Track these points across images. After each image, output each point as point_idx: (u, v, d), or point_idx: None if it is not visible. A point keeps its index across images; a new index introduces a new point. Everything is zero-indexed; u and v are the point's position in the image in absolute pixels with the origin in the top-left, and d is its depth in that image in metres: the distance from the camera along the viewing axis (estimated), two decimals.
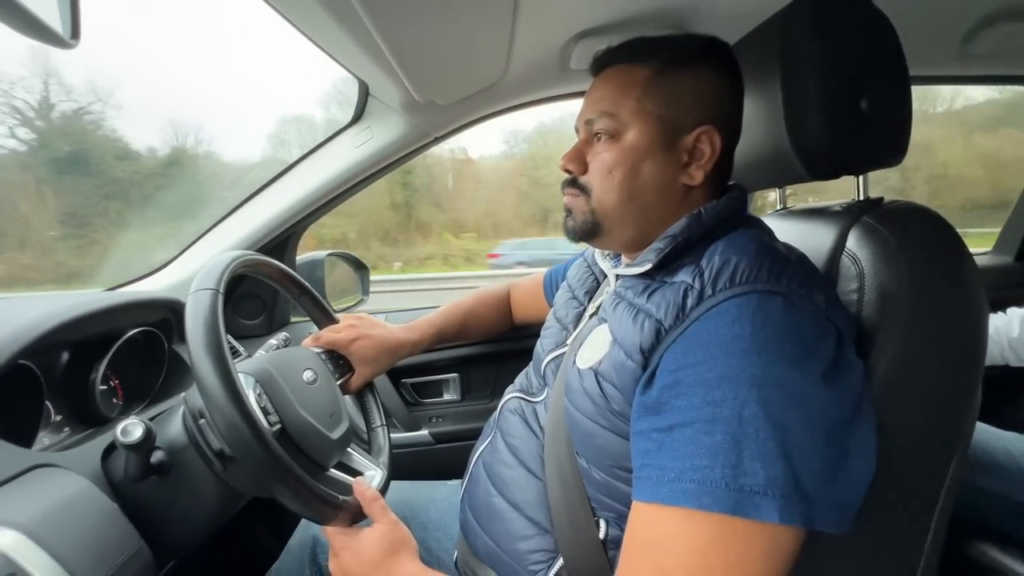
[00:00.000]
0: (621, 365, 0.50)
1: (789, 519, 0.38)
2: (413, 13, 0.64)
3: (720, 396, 0.42)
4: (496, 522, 0.62)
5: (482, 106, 1.05)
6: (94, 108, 6.66)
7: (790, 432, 0.40)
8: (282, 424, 0.60)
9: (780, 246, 0.54)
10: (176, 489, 0.58)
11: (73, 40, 0.39)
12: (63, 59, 4.13)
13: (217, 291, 0.57)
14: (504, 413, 0.72)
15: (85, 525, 0.49)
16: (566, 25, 0.82)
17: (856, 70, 0.55)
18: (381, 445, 0.79)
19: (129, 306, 0.77)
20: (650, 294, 0.53)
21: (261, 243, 1.09)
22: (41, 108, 6.71)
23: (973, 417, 0.53)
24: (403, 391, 1.17)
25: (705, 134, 0.56)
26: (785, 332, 0.43)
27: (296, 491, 0.52)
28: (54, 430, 0.69)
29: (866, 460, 0.44)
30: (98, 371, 0.73)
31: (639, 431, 0.47)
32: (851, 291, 0.53)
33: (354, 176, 1.07)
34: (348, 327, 0.83)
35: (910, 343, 0.50)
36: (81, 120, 6.90)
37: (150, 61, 11.35)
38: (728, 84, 0.58)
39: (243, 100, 13.18)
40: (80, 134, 7.31)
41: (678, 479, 0.41)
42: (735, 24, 0.72)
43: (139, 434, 0.52)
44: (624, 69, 0.58)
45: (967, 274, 0.52)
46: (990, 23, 0.88)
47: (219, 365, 0.51)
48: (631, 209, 0.58)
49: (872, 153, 0.58)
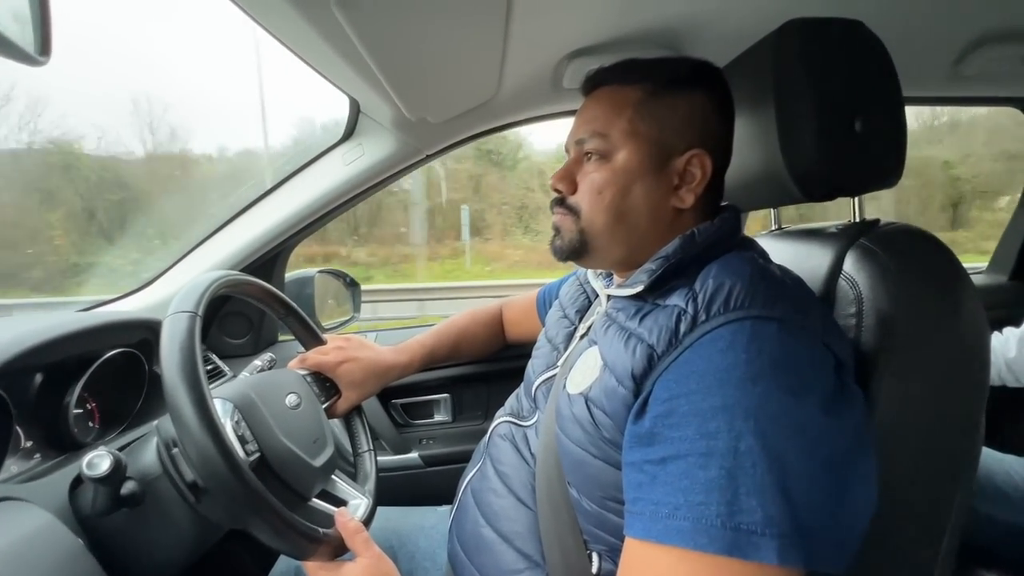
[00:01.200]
0: (612, 391, 0.49)
1: (788, 560, 0.36)
2: (403, 33, 0.63)
3: (715, 428, 0.40)
4: (485, 554, 0.60)
5: (474, 124, 1.04)
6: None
7: (788, 466, 0.38)
8: (261, 453, 0.57)
9: (775, 269, 0.53)
10: (148, 522, 0.55)
11: (43, 57, 0.38)
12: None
13: (195, 314, 0.55)
14: (494, 439, 0.70)
15: (46, 564, 0.46)
16: (559, 44, 0.82)
17: (850, 91, 0.55)
18: (368, 472, 0.76)
19: (107, 327, 0.75)
20: (642, 317, 0.51)
21: (249, 261, 1.07)
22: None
23: (979, 442, 0.52)
24: (393, 412, 1.15)
25: (696, 157, 0.55)
26: (781, 360, 0.42)
27: (272, 525, 0.50)
28: (23, 457, 0.66)
29: (867, 494, 0.42)
30: (73, 394, 0.71)
31: (631, 462, 0.45)
32: (849, 315, 0.52)
33: (344, 193, 1.06)
34: (335, 349, 0.81)
35: (912, 368, 0.49)
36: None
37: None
38: (719, 107, 0.58)
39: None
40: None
41: (672, 516, 0.39)
42: (729, 45, 0.72)
43: (106, 467, 0.49)
44: (616, 90, 0.57)
45: (967, 296, 0.51)
46: (981, 44, 0.89)
47: (193, 392, 0.49)
48: (620, 230, 0.57)
49: (868, 174, 0.57)
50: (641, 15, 0.76)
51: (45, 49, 0.38)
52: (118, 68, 10.97)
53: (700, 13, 0.76)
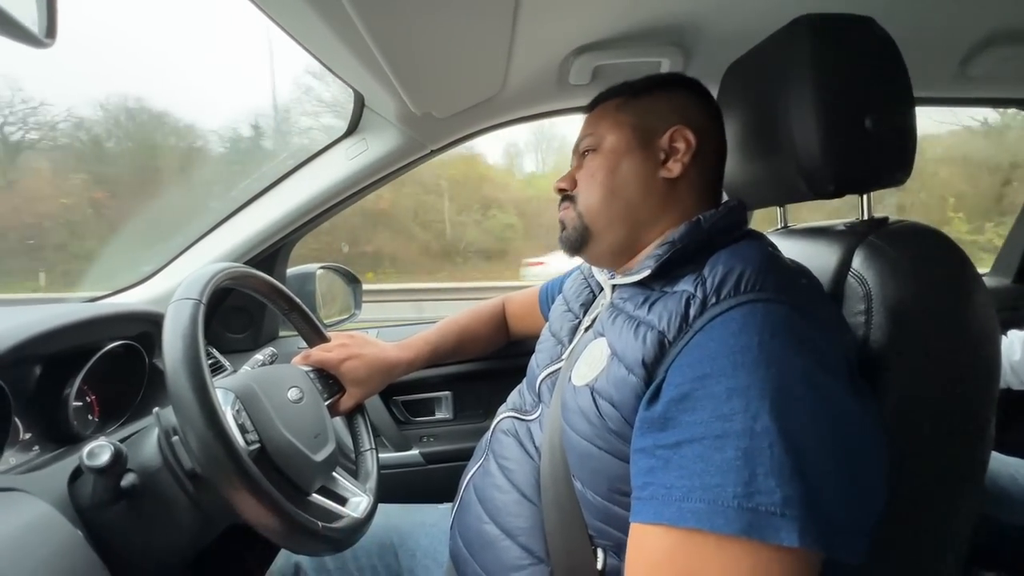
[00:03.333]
0: (621, 380, 0.48)
1: (807, 542, 0.35)
2: (411, 26, 0.63)
3: (730, 409, 0.39)
4: (488, 551, 0.59)
5: (479, 119, 1.03)
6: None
7: (804, 448, 0.37)
8: (261, 443, 0.57)
9: (786, 259, 0.53)
10: (148, 514, 0.55)
11: (48, 39, 0.37)
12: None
13: (199, 302, 0.54)
14: (497, 434, 0.69)
15: (44, 555, 0.46)
16: (566, 39, 0.82)
17: (861, 88, 0.54)
18: (369, 470, 0.75)
19: (108, 319, 0.74)
20: (651, 305, 0.51)
21: (250, 255, 1.06)
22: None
23: (989, 442, 0.51)
24: (394, 409, 1.14)
25: (678, 132, 0.59)
26: (795, 343, 0.42)
27: (270, 515, 0.49)
28: (22, 448, 0.66)
29: (878, 486, 0.41)
30: (72, 386, 0.70)
31: (642, 448, 0.44)
32: (858, 313, 0.52)
33: (347, 188, 1.05)
34: (339, 346, 0.81)
35: (921, 366, 0.48)
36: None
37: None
38: (700, 101, 0.63)
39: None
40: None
41: (686, 498, 0.38)
42: (736, 41, 0.72)
43: (106, 458, 0.49)
44: (605, 104, 0.65)
45: (977, 295, 0.51)
46: (988, 45, 0.89)
47: (194, 378, 0.48)
48: (615, 206, 0.60)
49: (877, 171, 0.57)
50: (648, 10, 0.75)
51: (51, 31, 0.37)
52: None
53: (707, 9, 0.76)
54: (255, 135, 6.78)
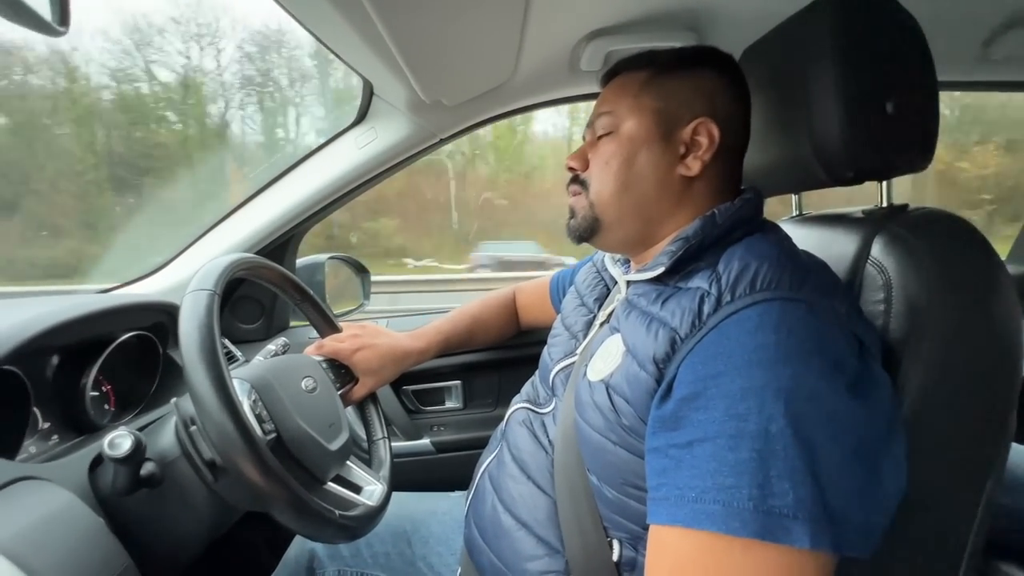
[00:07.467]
0: (634, 377, 0.48)
1: (819, 544, 0.36)
2: (422, 12, 0.62)
3: (744, 409, 0.39)
4: (503, 540, 0.60)
5: (490, 107, 1.02)
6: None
7: (818, 450, 0.37)
8: (277, 433, 0.57)
9: (801, 253, 0.52)
10: (167, 503, 0.55)
11: (62, 27, 0.37)
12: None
13: (214, 292, 0.55)
14: (511, 424, 0.69)
15: (68, 542, 0.46)
16: (577, 25, 0.80)
17: (883, 71, 0.53)
18: (382, 458, 0.76)
19: (122, 309, 0.75)
20: (664, 301, 0.50)
21: (261, 245, 1.07)
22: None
23: (1009, 436, 0.50)
24: (404, 398, 1.15)
25: (702, 125, 0.55)
26: (811, 343, 0.41)
27: (288, 503, 0.50)
28: (41, 438, 0.67)
29: (896, 480, 0.41)
30: (89, 376, 0.71)
31: (655, 447, 0.44)
32: (877, 302, 0.51)
33: (357, 177, 1.04)
34: (351, 336, 0.81)
35: (942, 356, 0.48)
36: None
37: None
38: (729, 85, 0.58)
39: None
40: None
41: (699, 499, 0.38)
42: (752, 25, 0.70)
43: (128, 446, 0.49)
44: (625, 75, 0.60)
45: (1001, 283, 0.49)
46: (1011, 26, 0.86)
47: (212, 369, 0.49)
48: (628, 200, 0.57)
49: (898, 157, 0.55)
50: None
51: (64, 19, 0.37)
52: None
53: None
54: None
